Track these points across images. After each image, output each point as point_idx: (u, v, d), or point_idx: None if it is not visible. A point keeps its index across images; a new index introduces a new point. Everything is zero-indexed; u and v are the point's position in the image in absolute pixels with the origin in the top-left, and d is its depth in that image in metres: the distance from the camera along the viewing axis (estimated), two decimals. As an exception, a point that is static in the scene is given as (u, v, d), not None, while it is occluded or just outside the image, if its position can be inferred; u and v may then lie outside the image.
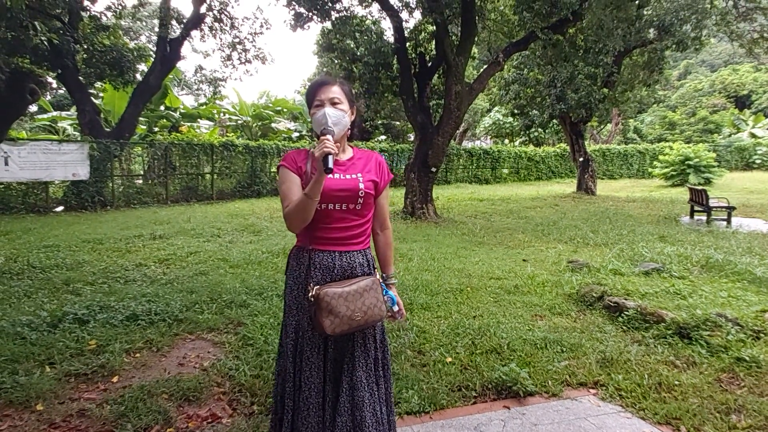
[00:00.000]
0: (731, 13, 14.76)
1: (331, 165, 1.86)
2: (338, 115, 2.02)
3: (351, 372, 2.06)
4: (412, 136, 27.21)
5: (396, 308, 2.20)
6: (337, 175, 2.04)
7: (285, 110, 27.38)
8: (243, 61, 15.85)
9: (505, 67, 16.47)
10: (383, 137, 28.64)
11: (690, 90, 52.02)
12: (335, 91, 2.06)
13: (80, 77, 13.78)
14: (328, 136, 1.92)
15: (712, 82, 53.20)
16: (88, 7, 12.50)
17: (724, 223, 10.76)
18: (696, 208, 11.79)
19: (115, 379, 3.41)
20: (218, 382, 3.39)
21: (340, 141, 2.10)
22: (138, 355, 3.80)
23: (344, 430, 2.01)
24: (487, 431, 2.86)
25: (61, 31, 10.96)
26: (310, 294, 1.98)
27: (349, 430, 2.01)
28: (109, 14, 13.17)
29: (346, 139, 2.17)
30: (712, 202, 11.21)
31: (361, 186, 2.06)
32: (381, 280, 2.18)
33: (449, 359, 3.71)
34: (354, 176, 2.08)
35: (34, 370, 3.44)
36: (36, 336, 3.97)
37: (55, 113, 20.67)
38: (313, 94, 2.08)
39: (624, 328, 4.33)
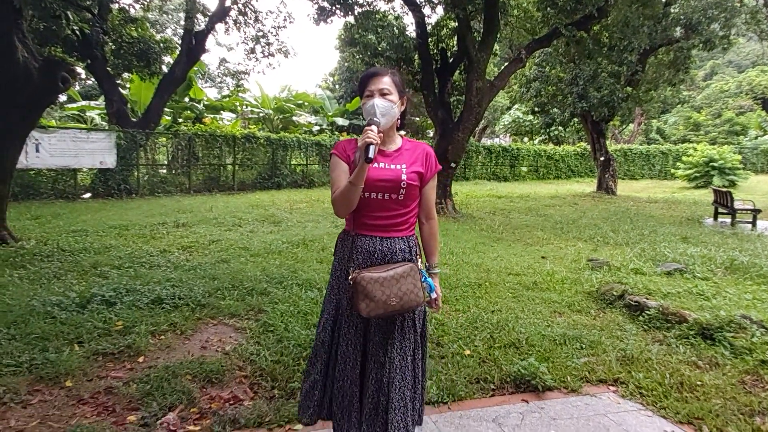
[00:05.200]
0: (761, 12, 14.41)
1: (371, 155, 1.92)
2: (386, 106, 2.07)
3: (386, 353, 2.12)
4: (431, 132, 27.16)
5: (434, 295, 2.23)
6: (381, 165, 2.10)
7: (306, 104, 27.50)
8: (266, 54, 15.96)
9: (527, 64, 16.31)
10: (402, 132, 28.50)
11: (716, 91, 50.83)
12: (385, 82, 2.10)
13: (108, 68, 14.04)
14: (373, 127, 1.98)
15: (739, 83, 51.89)
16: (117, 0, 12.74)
17: (749, 225, 10.55)
18: (720, 210, 11.58)
19: (140, 359, 3.50)
20: (240, 365, 3.46)
21: (389, 131, 2.15)
22: (162, 337, 3.89)
23: (373, 405, 2.11)
24: (505, 423, 2.87)
25: (91, 23, 11.17)
26: (350, 277, 2.06)
27: (376, 407, 2.10)
28: (137, 6, 13.43)
29: (395, 129, 2.20)
30: (737, 205, 11.00)
31: (404, 177, 2.10)
32: (422, 268, 2.20)
33: (467, 352, 3.72)
34: (398, 167, 2.12)
35: (63, 348, 3.55)
36: (65, 316, 4.09)
37: (83, 103, 21.04)
38: (364, 84, 2.13)
39: (645, 327, 4.30)
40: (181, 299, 4.59)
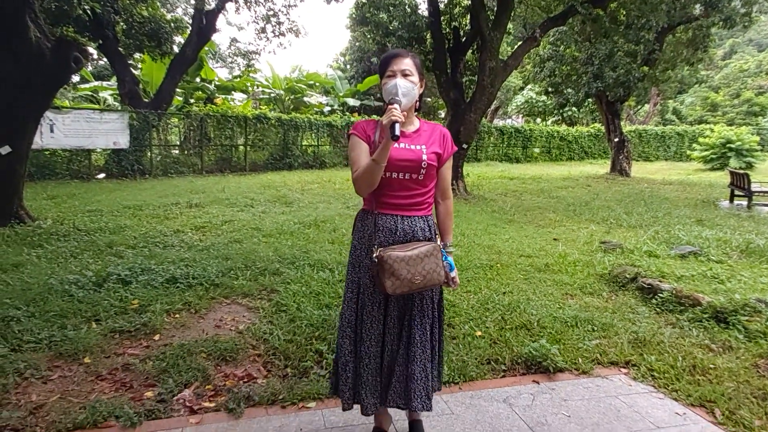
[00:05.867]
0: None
1: (398, 133, 1.94)
2: (408, 87, 2.10)
3: (408, 329, 2.22)
4: (442, 113, 26.92)
5: (453, 273, 2.29)
6: (402, 145, 2.13)
7: (317, 84, 27.35)
8: (277, 34, 15.85)
9: (541, 43, 16.02)
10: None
11: (735, 70, 49.62)
12: (407, 64, 2.13)
13: (120, 48, 14.04)
14: (396, 106, 2.01)
15: (759, 62, 50.58)
16: (127, -22, 12.67)
17: (766, 208, 10.39)
18: (737, 192, 11.40)
19: (156, 337, 3.56)
20: (253, 344, 3.51)
21: (408, 112, 2.18)
22: (177, 315, 3.95)
23: (400, 379, 2.22)
24: (516, 404, 2.89)
25: (102, 2, 11.14)
26: (374, 255, 2.10)
27: (403, 381, 2.21)
28: (148, -15, 13.33)
29: (413, 110, 2.23)
30: (754, 187, 10.82)
31: (424, 157, 2.14)
32: (441, 247, 2.26)
33: (479, 333, 3.73)
34: (418, 147, 2.16)
35: (81, 325, 3.63)
36: (82, 294, 4.16)
37: (96, 83, 21.11)
38: (386, 64, 2.16)
39: (658, 310, 4.28)
40: (194, 279, 4.64)
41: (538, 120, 35.94)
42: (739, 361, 3.35)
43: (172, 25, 14.27)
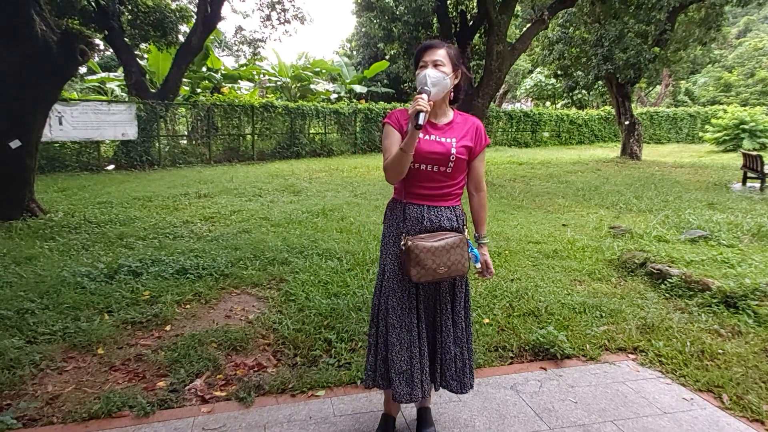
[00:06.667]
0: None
1: (421, 122, 1.96)
2: (438, 77, 2.10)
3: (439, 315, 2.30)
4: (450, 98, 26.65)
5: (478, 265, 2.34)
6: (432, 137, 2.17)
7: (323, 71, 27.19)
8: (282, 21, 15.79)
9: (550, 25, 15.78)
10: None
11: (749, 49, 48.54)
12: (440, 54, 2.15)
13: (126, 39, 14.04)
14: (423, 95, 2.03)
15: (775, 40, 49.48)
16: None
17: (780, 191, 10.26)
18: (749, 174, 11.25)
19: (168, 328, 3.61)
20: (263, 334, 3.55)
21: (440, 103, 2.20)
22: (188, 306, 4.00)
23: (434, 362, 2.33)
24: (523, 390, 2.91)
25: (107, -8, 11.15)
26: (402, 243, 2.17)
27: (432, 366, 2.32)
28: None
29: (446, 102, 2.24)
30: (767, 169, 10.67)
31: (453, 151, 2.17)
32: (468, 239, 2.30)
33: (486, 320, 3.75)
34: (448, 140, 2.19)
35: (94, 317, 3.69)
36: (95, 286, 4.22)
37: (103, 74, 21.17)
38: (419, 56, 2.19)
39: (666, 295, 4.26)
40: (204, 269, 4.69)
41: (548, 103, 35.55)
42: (748, 346, 3.34)
43: (177, 14, 14.25)
